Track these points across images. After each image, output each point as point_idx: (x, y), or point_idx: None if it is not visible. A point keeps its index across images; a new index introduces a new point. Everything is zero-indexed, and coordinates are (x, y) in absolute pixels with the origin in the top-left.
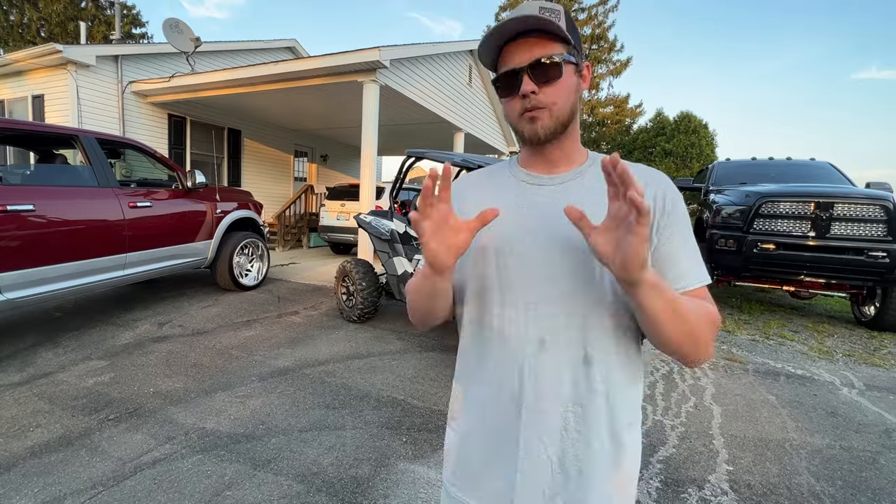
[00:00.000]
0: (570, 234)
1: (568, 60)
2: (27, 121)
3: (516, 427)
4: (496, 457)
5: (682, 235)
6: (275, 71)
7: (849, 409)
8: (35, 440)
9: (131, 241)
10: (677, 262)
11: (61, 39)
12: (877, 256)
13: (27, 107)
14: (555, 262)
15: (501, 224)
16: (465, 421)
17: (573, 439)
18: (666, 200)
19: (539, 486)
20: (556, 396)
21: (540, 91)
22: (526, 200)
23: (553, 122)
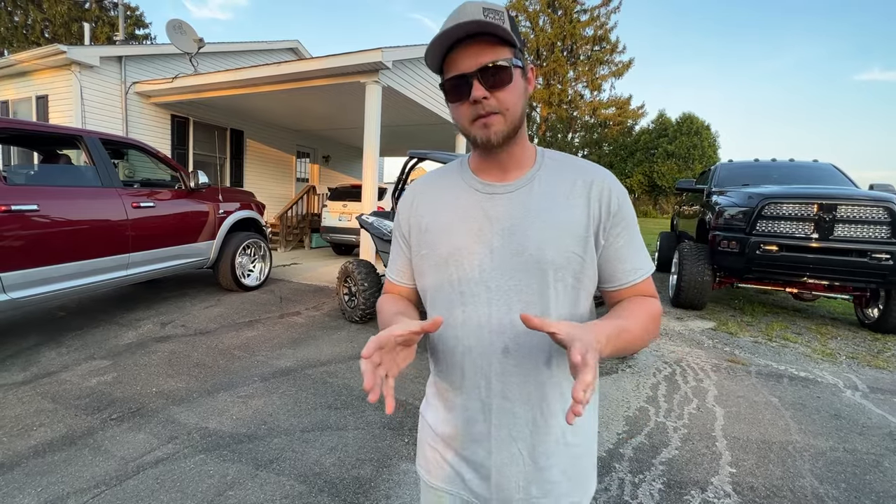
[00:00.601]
0: (523, 248)
1: (515, 64)
2: (31, 121)
3: (487, 428)
4: (470, 454)
5: (628, 235)
6: (277, 72)
7: (852, 412)
8: (38, 439)
9: (134, 241)
10: (624, 260)
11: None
12: (880, 258)
13: (31, 107)
14: (513, 275)
15: (460, 236)
16: (437, 420)
17: (542, 433)
18: (611, 201)
19: (513, 478)
20: (524, 399)
21: (491, 96)
22: (481, 213)
23: (507, 127)
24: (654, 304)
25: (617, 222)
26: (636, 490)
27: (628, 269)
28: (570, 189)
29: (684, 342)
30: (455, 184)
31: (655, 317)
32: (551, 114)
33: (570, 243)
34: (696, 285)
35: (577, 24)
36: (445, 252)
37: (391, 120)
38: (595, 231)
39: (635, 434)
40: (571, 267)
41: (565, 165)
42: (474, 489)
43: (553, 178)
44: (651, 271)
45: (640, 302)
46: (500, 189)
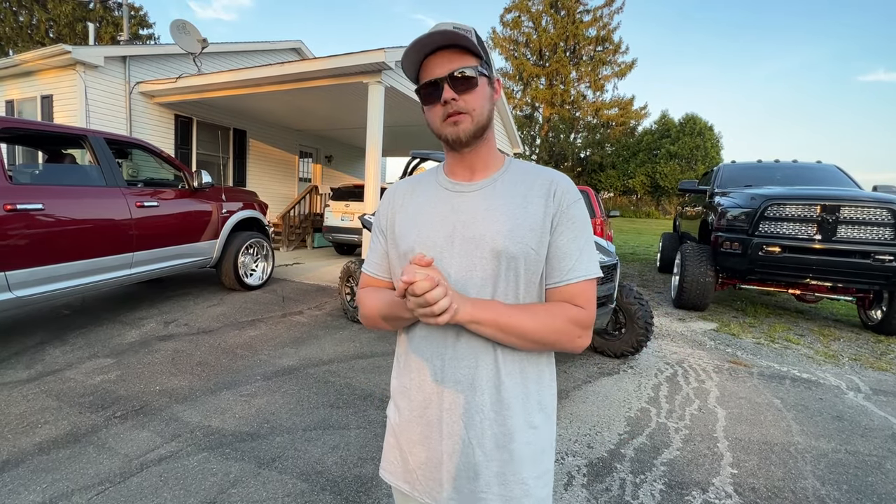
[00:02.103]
0: (481, 237)
1: (481, 73)
2: (36, 121)
3: (438, 412)
4: (423, 441)
5: (573, 233)
6: (280, 72)
7: (855, 414)
8: (43, 437)
9: (138, 240)
10: (564, 258)
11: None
12: (884, 260)
13: (36, 107)
14: (468, 263)
15: (426, 228)
16: (395, 412)
17: (490, 420)
18: (563, 199)
19: (464, 466)
20: (471, 382)
21: (459, 98)
22: (447, 207)
23: (473, 126)
24: (568, 310)
25: (564, 220)
26: (637, 490)
27: (567, 268)
28: (528, 189)
29: (686, 343)
30: (429, 185)
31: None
32: (554, 114)
33: (524, 235)
34: (699, 286)
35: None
36: (412, 240)
37: (394, 120)
38: (550, 229)
39: (637, 434)
40: (525, 258)
41: (528, 171)
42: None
43: (515, 179)
44: (588, 277)
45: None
46: (466, 188)
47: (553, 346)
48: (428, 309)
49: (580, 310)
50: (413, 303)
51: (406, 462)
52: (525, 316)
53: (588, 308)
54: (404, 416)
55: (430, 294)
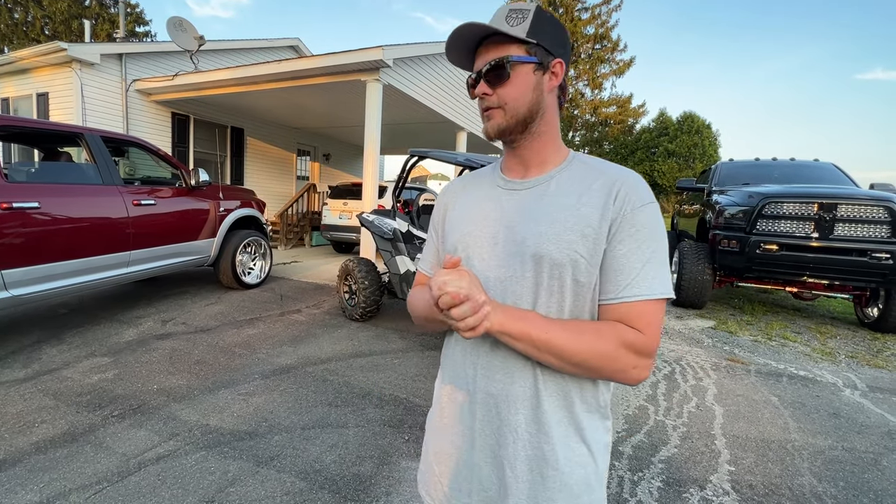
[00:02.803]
0: (523, 240)
1: (520, 61)
2: (32, 118)
3: (471, 423)
4: (454, 452)
5: (635, 243)
6: (278, 70)
7: (851, 411)
8: (40, 436)
9: (135, 238)
10: (621, 271)
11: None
12: (880, 258)
13: (32, 104)
14: (508, 268)
15: (472, 226)
16: (430, 418)
17: (524, 441)
18: (624, 204)
19: (495, 481)
20: (506, 398)
21: (494, 92)
22: (494, 205)
23: (506, 121)
24: (622, 333)
25: (624, 227)
26: (635, 488)
27: (622, 283)
28: (586, 188)
29: (684, 341)
30: (484, 181)
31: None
32: None
33: (573, 241)
34: (697, 284)
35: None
36: (456, 239)
37: (392, 118)
38: (607, 236)
39: (635, 432)
40: (572, 267)
41: (591, 168)
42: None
43: (574, 178)
44: (650, 296)
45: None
46: (518, 185)
47: (599, 373)
48: (454, 323)
49: (637, 333)
50: (442, 315)
51: (432, 471)
52: (566, 333)
53: (648, 333)
54: (438, 423)
55: (455, 311)
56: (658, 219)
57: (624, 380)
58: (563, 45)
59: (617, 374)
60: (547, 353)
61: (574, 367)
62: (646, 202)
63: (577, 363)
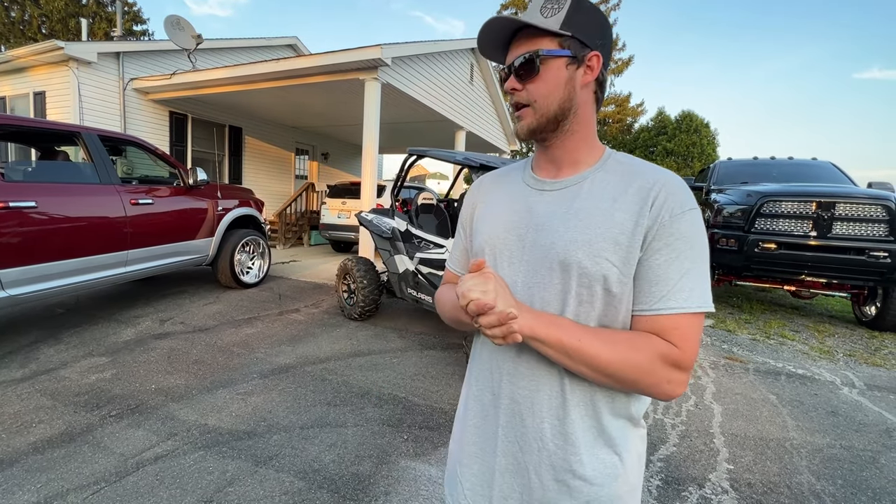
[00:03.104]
0: (551, 246)
1: (551, 55)
2: (29, 117)
3: (495, 427)
4: (478, 454)
5: (673, 252)
6: (276, 68)
7: (849, 409)
8: (37, 436)
9: (133, 238)
10: (657, 282)
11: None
12: (878, 256)
13: (29, 103)
14: (535, 274)
15: (499, 227)
16: (461, 421)
17: (549, 451)
18: (662, 210)
19: (515, 488)
20: (531, 404)
21: (523, 87)
22: (525, 206)
23: (536, 120)
24: (657, 346)
25: (662, 236)
26: None
27: (657, 294)
28: (622, 192)
29: None
30: (514, 179)
31: (650, 359)
32: None
33: (604, 248)
34: None
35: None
36: (483, 239)
37: (390, 117)
38: (642, 244)
39: None
40: (602, 275)
41: (628, 170)
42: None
43: (609, 179)
44: (691, 309)
45: (638, 334)
46: (549, 185)
47: (633, 385)
48: (483, 330)
49: (672, 347)
50: (472, 320)
51: (455, 473)
52: (600, 342)
53: (684, 347)
54: (462, 425)
55: (482, 319)
56: (699, 226)
57: (657, 394)
58: (601, 35)
59: (650, 388)
60: (580, 363)
61: (606, 377)
62: (686, 209)
63: (610, 374)
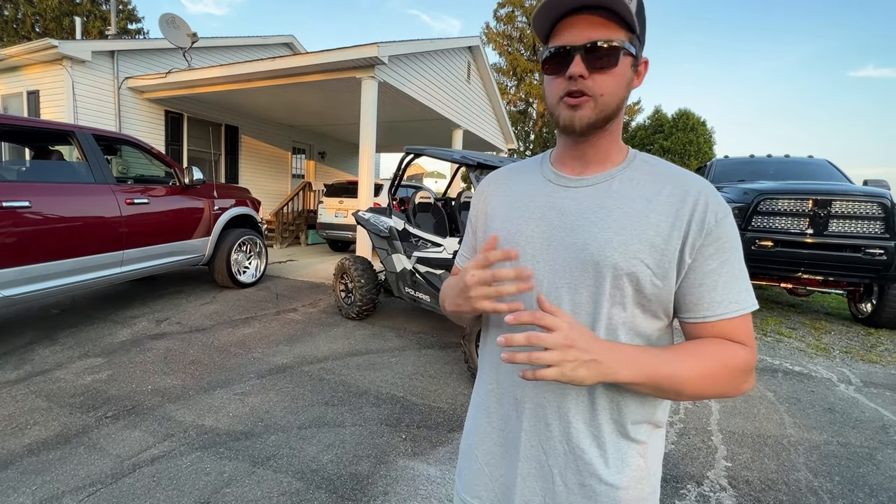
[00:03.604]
0: (584, 246)
1: (628, 51)
2: (22, 117)
3: (517, 431)
4: (499, 459)
5: (724, 258)
6: (272, 67)
7: (846, 406)
8: (32, 438)
9: (128, 237)
10: (713, 288)
11: (56, 35)
12: (874, 254)
13: (22, 102)
14: (564, 272)
15: (521, 224)
16: (474, 419)
17: (575, 455)
18: (707, 215)
19: (538, 493)
20: (557, 408)
21: (589, 77)
22: (548, 202)
23: (595, 115)
24: (738, 352)
25: (711, 241)
26: None
27: (718, 299)
28: (655, 193)
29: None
30: (530, 173)
31: (733, 367)
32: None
33: (640, 250)
34: None
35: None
36: (503, 237)
37: (388, 116)
38: (680, 248)
39: None
40: (636, 278)
41: (658, 169)
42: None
43: (640, 179)
44: (749, 310)
45: (717, 343)
46: (574, 182)
47: (716, 396)
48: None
49: (745, 349)
50: None
51: (481, 474)
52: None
53: (751, 344)
54: (482, 423)
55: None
56: (736, 229)
57: (735, 395)
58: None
59: (732, 393)
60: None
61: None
62: (727, 212)
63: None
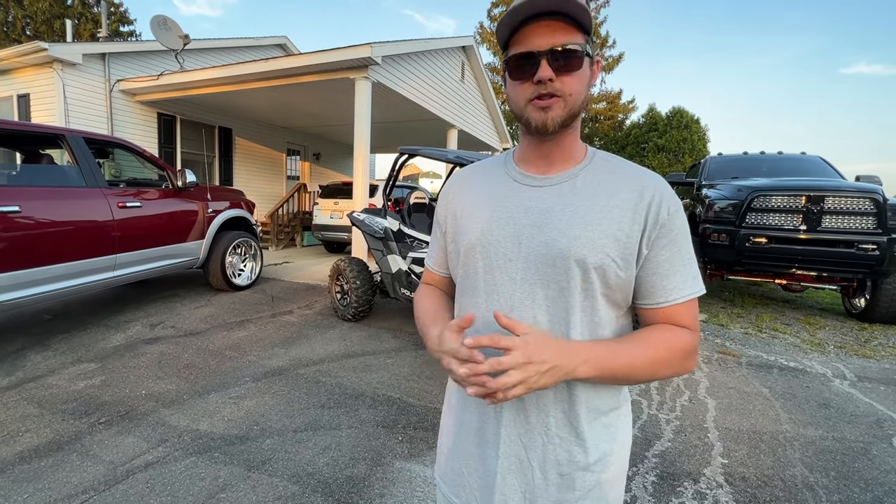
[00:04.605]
0: (554, 242)
1: (587, 52)
2: (13, 120)
3: (496, 426)
4: (477, 455)
5: (675, 249)
6: (265, 68)
7: (841, 401)
8: (24, 445)
9: (121, 241)
10: (667, 276)
11: (47, 37)
12: (867, 249)
13: (13, 106)
14: (536, 269)
15: (491, 224)
16: (451, 418)
17: (554, 444)
18: (661, 210)
19: (518, 489)
20: (536, 401)
21: (557, 79)
22: (516, 202)
23: (564, 114)
24: (683, 336)
25: (664, 233)
26: (629, 483)
27: (669, 286)
28: (616, 190)
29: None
30: (495, 174)
31: (678, 350)
32: None
33: (606, 245)
34: None
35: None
36: (473, 238)
37: (382, 116)
38: (639, 240)
39: None
40: (603, 270)
41: (616, 167)
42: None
43: (601, 176)
44: (695, 295)
45: (664, 330)
46: (540, 181)
47: (664, 377)
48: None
49: (688, 332)
50: None
51: (460, 474)
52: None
53: (694, 327)
54: (460, 418)
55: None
56: (686, 221)
57: (681, 374)
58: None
59: (678, 372)
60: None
61: (651, 377)
62: (678, 206)
63: (659, 374)
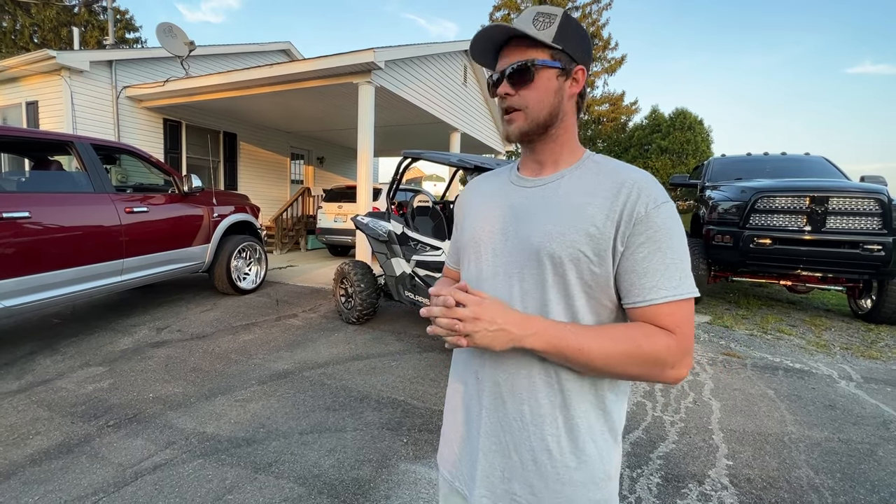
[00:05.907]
0: (527, 237)
1: (545, 65)
2: (21, 127)
3: (479, 408)
4: (465, 435)
5: (654, 247)
6: (269, 74)
7: (847, 402)
8: (34, 448)
9: (128, 246)
10: (644, 274)
11: (54, 45)
12: (872, 250)
13: (21, 113)
14: (516, 262)
15: (484, 222)
16: (447, 405)
17: (529, 432)
18: (637, 206)
19: (497, 467)
20: (512, 386)
21: (516, 94)
22: (506, 201)
23: (527, 124)
24: (658, 338)
25: (641, 230)
26: (634, 485)
27: (648, 286)
28: (596, 188)
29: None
30: (500, 178)
31: (648, 351)
32: None
33: (577, 240)
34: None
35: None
36: (469, 235)
37: (385, 120)
38: (614, 236)
39: (633, 429)
40: (575, 265)
41: (603, 169)
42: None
43: (585, 177)
44: (679, 297)
45: (635, 327)
46: (530, 183)
47: (639, 377)
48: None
49: (671, 337)
50: None
51: (451, 449)
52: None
53: (679, 332)
54: (453, 402)
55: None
56: (674, 218)
57: (663, 380)
58: (586, 52)
59: (656, 376)
60: (580, 366)
61: (610, 375)
62: (660, 202)
63: (612, 373)
